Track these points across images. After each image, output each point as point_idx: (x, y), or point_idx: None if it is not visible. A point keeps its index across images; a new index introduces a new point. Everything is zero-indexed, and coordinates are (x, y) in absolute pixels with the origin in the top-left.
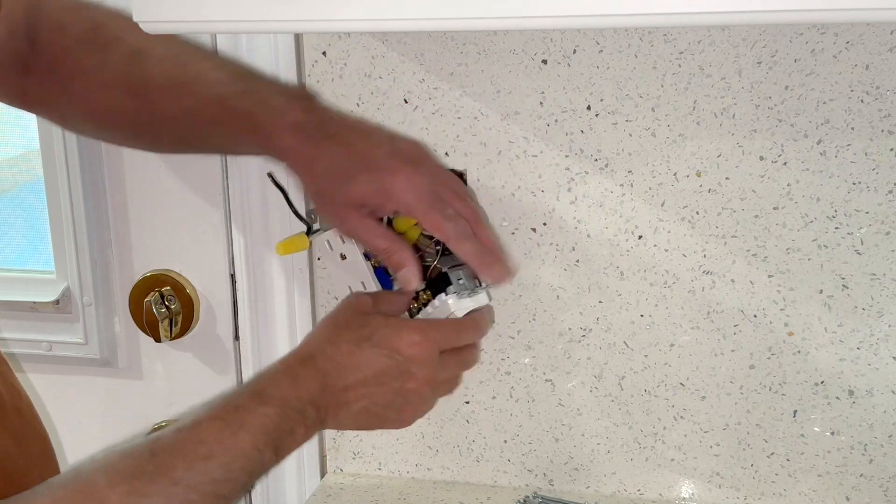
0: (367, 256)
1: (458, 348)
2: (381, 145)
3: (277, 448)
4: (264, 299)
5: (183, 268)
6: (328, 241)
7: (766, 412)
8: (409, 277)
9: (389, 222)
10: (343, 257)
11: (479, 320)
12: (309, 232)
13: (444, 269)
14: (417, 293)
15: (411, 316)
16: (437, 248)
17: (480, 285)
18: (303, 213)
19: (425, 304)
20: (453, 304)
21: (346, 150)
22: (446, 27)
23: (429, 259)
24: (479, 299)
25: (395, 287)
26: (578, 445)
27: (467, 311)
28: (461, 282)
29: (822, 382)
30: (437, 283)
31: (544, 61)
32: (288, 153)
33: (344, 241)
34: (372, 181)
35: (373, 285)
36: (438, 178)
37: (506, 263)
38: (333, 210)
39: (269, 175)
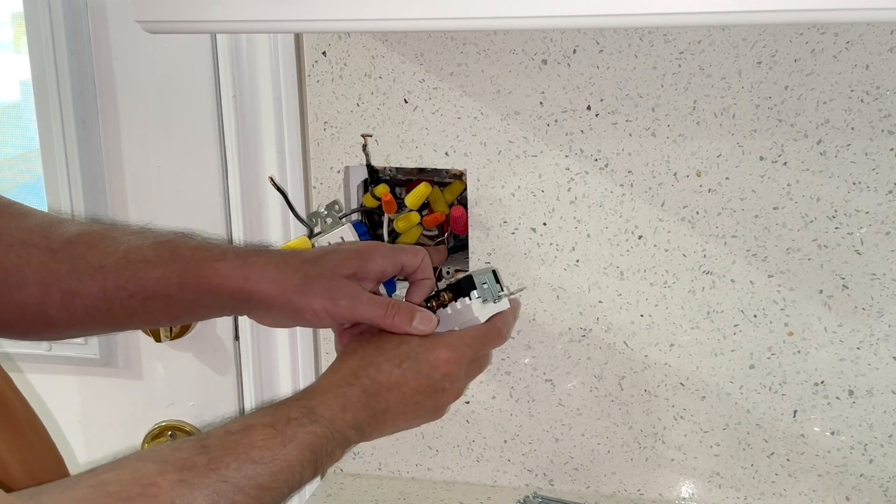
0: None
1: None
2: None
3: (317, 467)
4: None
5: None
6: (329, 244)
7: (766, 412)
8: (428, 322)
9: (390, 222)
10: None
11: (502, 329)
12: (311, 235)
13: (469, 273)
14: (438, 292)
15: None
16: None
17: (503, 290)
18: (304, 216)
19: (444, 305)
20: (477, 310)
21: (301, 251)
22: (446, 27)
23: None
24: (502, 304)
25: (396, 290)
26: (578, 445)
27: (490, 315)
28: (485, 286)
29: (822, 382)
30: (460, 286)
31: (544, 61)
32: (251, 268)
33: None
34: (350, 248)
35: (380, 288)
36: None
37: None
38: (327, 287)
39: (270, 179)
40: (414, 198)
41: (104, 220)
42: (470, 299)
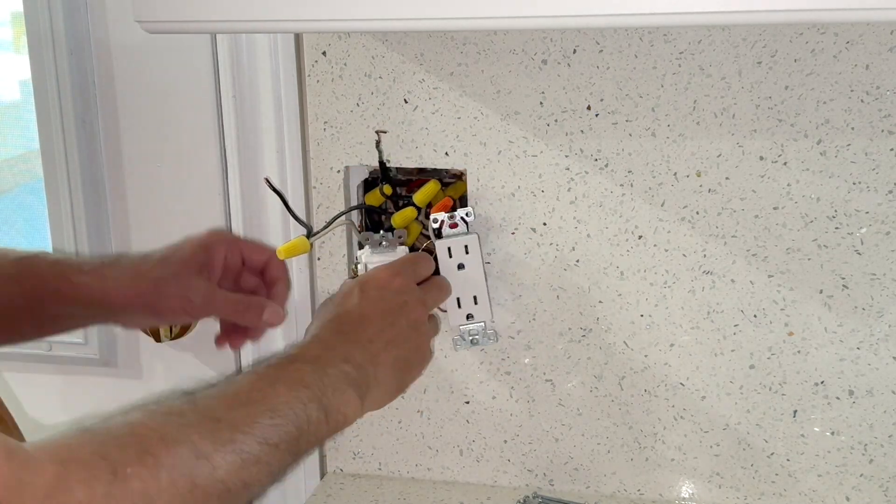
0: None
1: (429, 279)
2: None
3: (324, 405)
4: None
5: None
6: (449, 248)
7: (766, 412)
8: (279, 314)
9: (390, 217)
10: (461, 267)
11: (418, 255)
12: (310, 235)
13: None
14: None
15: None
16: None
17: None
18: (302, 216)
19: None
20: (364, 256)
21: (154, 252)
22: (446, 27)
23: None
24: (387, 257)
25: None
26: (578, 445)
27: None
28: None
29: (822, 382)
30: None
31: (544, 61)
32: (107, 279)
33: (468, 252)
34: (194, 243)
35: (486, 295)
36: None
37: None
38: (180, 289)
39: (266, 180)
40: (423, 195)
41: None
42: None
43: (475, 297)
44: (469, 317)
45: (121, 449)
